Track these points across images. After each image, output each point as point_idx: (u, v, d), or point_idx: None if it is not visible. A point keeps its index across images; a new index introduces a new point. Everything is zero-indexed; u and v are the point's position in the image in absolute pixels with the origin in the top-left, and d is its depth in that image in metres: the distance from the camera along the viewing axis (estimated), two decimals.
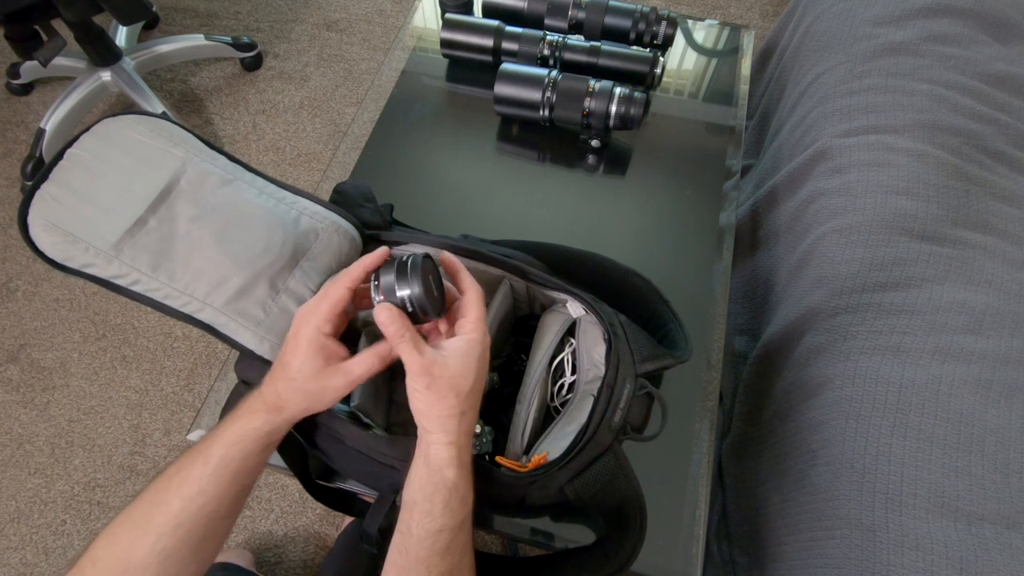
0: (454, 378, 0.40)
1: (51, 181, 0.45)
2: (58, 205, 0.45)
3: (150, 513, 0.40)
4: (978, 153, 0.80)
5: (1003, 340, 0.65)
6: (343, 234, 0.52)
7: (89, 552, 0.39)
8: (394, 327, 0.39)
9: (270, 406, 0.42)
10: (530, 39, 0.80)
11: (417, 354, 0.39)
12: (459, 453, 0.40)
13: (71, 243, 0.44)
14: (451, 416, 0.40)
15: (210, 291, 0.46)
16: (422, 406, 0.40)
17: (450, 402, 0.39)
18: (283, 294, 0.48)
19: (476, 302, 0.43)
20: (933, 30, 0.88)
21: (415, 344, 0.39)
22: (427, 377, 0.39)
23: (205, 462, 0.40)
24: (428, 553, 0.39)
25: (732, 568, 0.76)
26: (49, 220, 0.44)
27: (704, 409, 0.61)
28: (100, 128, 0.48)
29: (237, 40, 1.61)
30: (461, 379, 0.40)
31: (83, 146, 0.47)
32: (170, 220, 0.46)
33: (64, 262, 0.44)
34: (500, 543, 1.06)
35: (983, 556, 0.53)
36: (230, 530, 0.43)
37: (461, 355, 0.40)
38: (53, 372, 1.24)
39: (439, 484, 0.39)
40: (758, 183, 0.99)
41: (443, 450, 0.40)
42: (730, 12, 1.83)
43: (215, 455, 0.41)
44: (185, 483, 0.40)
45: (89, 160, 0.46)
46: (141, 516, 0.40)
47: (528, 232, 0.72)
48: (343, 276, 0.43)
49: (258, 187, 0.51)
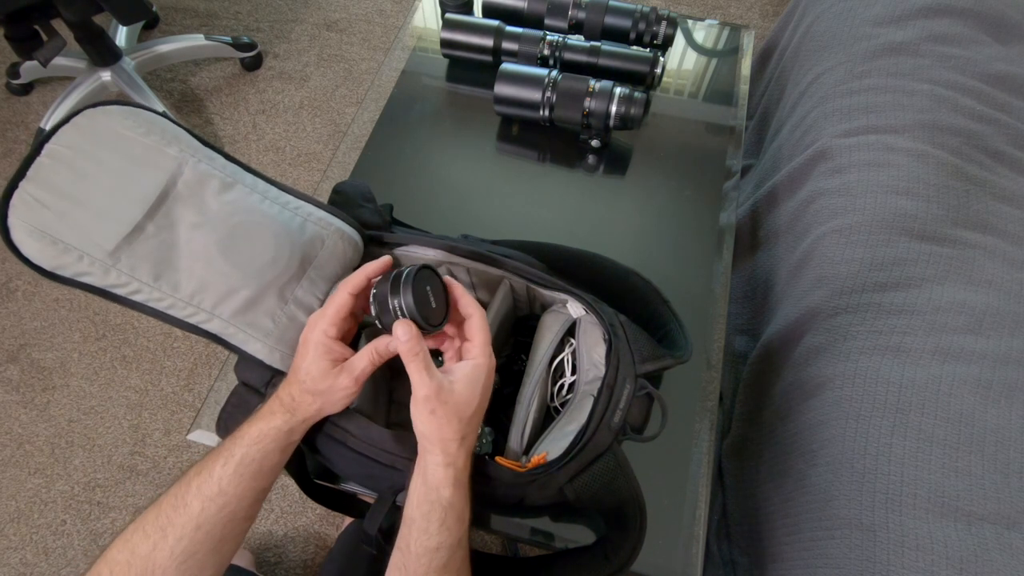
0: (459, 404, 0.40)
1: (31, 180, 0.41)
2: (43, 208, 0.41)
3: (169, 516, 0.40)
4: (978, 153, 0.80)
5: (1003, 340, 0.65)
6: (347, 240, 0.52)
7: (105, 556, 0.39)
8: (407, 345, 0.39)
9: (286, 407, 0.43)
10: (530, 39, 0.80)
11: (427, 377, 0.39)
12: (456, 474, 0.40)
13: (63, 251, 0.41)
14: (452, 440, 0.40)
15: (218, 302, 0.45)
16: (425, 429, 0.40)
17: (453, 427, 0.40)
18: (291, 304, 0.48)
19: (481, 326, 0.43)
20: (933, 30, 0.88)
21: (426, 366, 0.39)
22: (433, 402, 0.39)
23: (225, 462, 0.41)
24: (425, 570, 0.39)
25: (732, 568, 0.76)
26: (33, 224, 0.41)
27: (704, 409, 0.61)
28: (82, 121, 0.43)
29: (237, 40, 1.61)
30: (466, 406, 0.40)
31: (64, 141, 0.42)
32: (169, 226, 0.44)
33: (55, 270, 0.42)
34: (500, 543, 1.06)
35: (983, 556, 0.53)
36: (247, 532, 0.43)
37: (467, 382, 0.41)
38: (53, 372, 1.24)
39: (435, 503, 0.40)
40: (758, 183, 0.99)
41: (440, 471, 0.40)
42: (730, 12, 1.83)
43: (236, 454, 0.41)
44: (205, 484, 0.40)
45: (72, 157, 0.42)
46: (159, 519, 0.40)
47: (528, 232, 0.71)
48: (346, 282, 0.44)
49: (260, 191, 0.50)
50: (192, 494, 0.40)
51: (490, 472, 0.45)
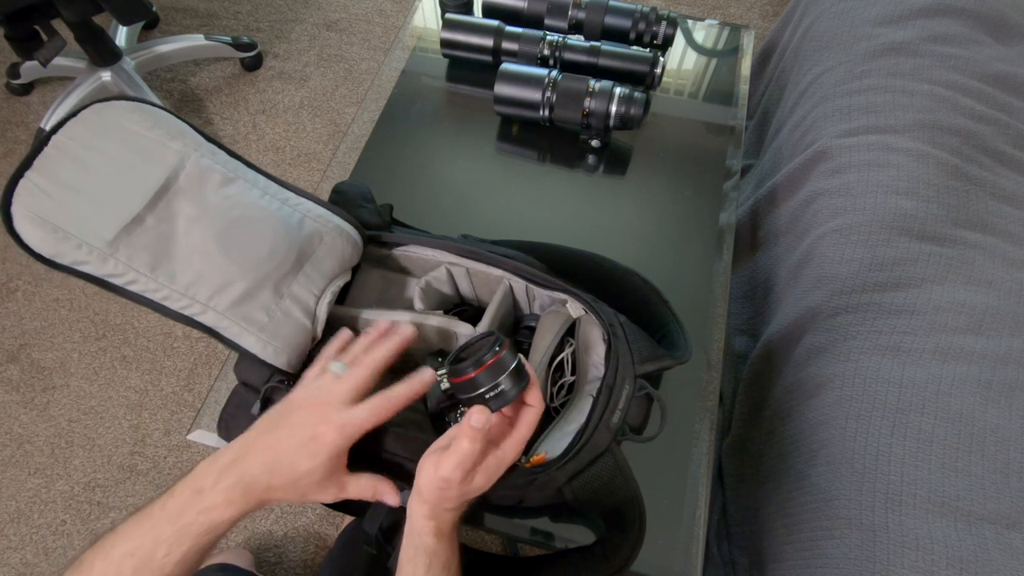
0: (469, 492, 0.40)
1: (36, 170, 0.42)
2: (45, 197, 0.41)
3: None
4: (978, 153, 0.80)
5: (1003, 340, 0.65)
6: (346, 238, 0.52)
7: None
8: (471, 437, 0.37)
9: (252, 501, 0.39)
10: (530, 39, 0.80)
11: (460, 473, 0.38)
12: (439, 526, 0.40)
13: (62, 239, 0.41)
14: (445, 508, 0.40)
15: (213, 294, 0.45)
16: (426, 490, 0.39)
17: (451, 503, 0.40)
18: (287, 298, 0.48)
19: (532, 422, 0.42)
20: (933, 30, 0.88)
21: (466, 462, 0.38)
22: (448, 485, 0.38)
23: (169, 552, 0.37)
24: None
25: (732, 568, 0.76)
26: (36, 212, 0.41)
27: (704, 409, 0.61)
28: (89, 115, 0.44)
29: (237, 40, 1.61)
30: (473, 492, 0.40)
31: (71, 134, 0.43)
32: (168, 218, 0.45)
33: (53, 258, 0.42)
34: (500, 543, 1.06)
35: (983, 556, 0.53)
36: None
37: (487, 475, 0.40)
38: (53, 372, 1.24)
39: (419, 548, 0.40)
40: (758, 183, 0.99)
41: (422, 520, 0.40)
42: (730, 12, 1.83)
43: (184, 545, 0.38)
44: (143, 571, 0.37)
45: (78, 149, 0.43)
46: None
47: (528, 232, 0.71)
48: (393, 399, 0.42)
49: (261, 187, 0.50)
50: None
51: None
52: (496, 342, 0.40)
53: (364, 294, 0.59)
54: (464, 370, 0.39)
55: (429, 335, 0.54)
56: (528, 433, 0.42)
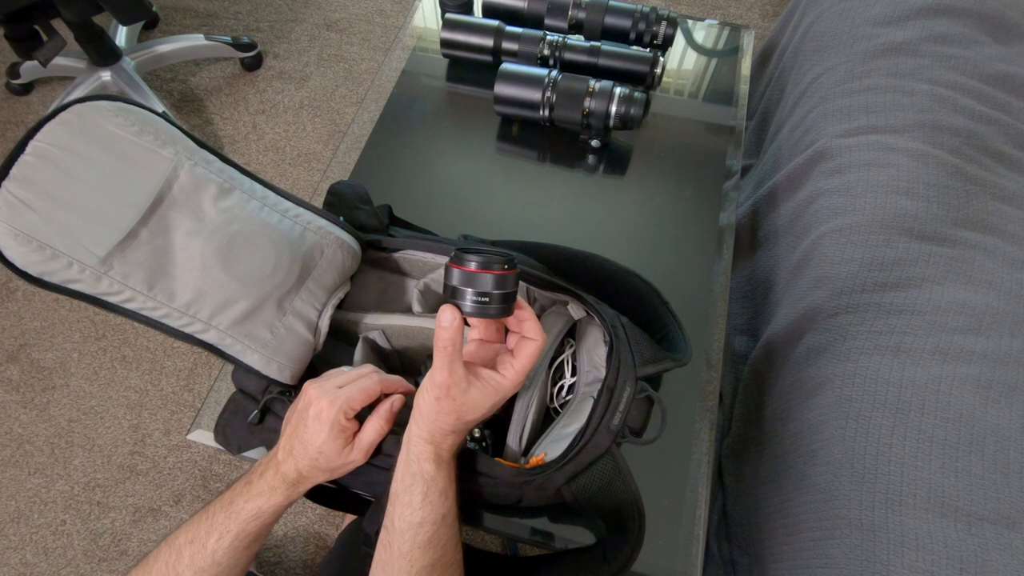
0: (465, 405, 0.40)
1: (14, 179, 0.38)
2: (27, 210, 0.38)
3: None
4: (978, 153, 0.80)
5: (1003, 340, 0.65)
6: (347, 249, 0.52)
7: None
8: (447, 335, 0.38)
9: (290, 482, 0.43)
10: (530, 39, 0.80)
11: (448, 369, 0.39)
12: (437, 451, 0.41)
13: (50, 257, 0.39)
14: (441, 430, 0.40)
15: (215, 313, 0.44)
16: (423, 407, 0.40)
17: (448, 420, 0.40)
18: (289, 314, 0.48)
19: (533, 355, 0.41)
20: (933, 30, 0.88)
21: (452, 359, 0.39)
22: (442, 391, 0.39)
23: (220, 537, 0.41)
24: (410, 546, 0.40)
25: (732, 568, 0.76)
26: (17, 228, 0.38)
27: (704, 409, 0.61)
28: (70, 117, 0.40)
29: (237, 40, 1.61)
30: (470, 410, 0.40)
31: (51, 138, 0.40)
32: (163, 233, 0.42)
33: (42, 276, 0.39)
34: (500, 543, 1.06)
35: (983, 556, 0.53)
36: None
37: (484, 393, 0.40)
38: (53, 372, 1.24)
39: (417, 475, 0.40)
40: (758, 183, 0.99)
41: (421, 444, 0.41)
42: (730, 12, 1.83)
43: (232, 531, 0.41)
44: (198, 556, 0.41)
45: (60, 156, 0.39)
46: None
47: (528, 232, 0.71)
48: (386, 381, 0.45)
49: (259, 197, 0.48)
50: (184, 564, 0.41)
51: (488, 470, 0.45)
52: (510, 262, 0.39)
53: (362, 296, 0.58)
54: (468, 261, 0.39)
55: (427, 338, 0.54)
56: (528, 364, 0.41)
